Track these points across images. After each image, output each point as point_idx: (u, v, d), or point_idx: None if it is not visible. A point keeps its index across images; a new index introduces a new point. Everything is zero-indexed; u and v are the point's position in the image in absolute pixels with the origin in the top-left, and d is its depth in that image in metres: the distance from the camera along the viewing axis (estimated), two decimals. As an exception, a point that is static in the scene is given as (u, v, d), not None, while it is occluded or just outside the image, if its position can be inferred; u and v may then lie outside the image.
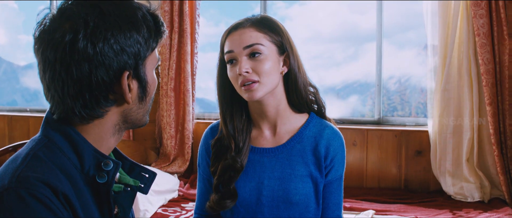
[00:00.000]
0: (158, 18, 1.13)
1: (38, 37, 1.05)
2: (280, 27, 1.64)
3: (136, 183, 1.20)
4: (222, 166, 1.65)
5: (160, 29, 1.12)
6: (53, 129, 1.09)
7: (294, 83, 1.65)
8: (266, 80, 1.57)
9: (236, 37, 1.59)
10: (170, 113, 4.30)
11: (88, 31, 1.01)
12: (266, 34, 1.59)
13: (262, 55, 1.57)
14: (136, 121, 1.16)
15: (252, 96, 1.57)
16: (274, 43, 1.60)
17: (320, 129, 1.67)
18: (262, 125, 1.69)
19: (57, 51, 1.02)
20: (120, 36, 1.04)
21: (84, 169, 1.09)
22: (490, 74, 3.54)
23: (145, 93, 1.13)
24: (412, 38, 4.84)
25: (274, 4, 5.14)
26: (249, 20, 1.62)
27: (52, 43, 1.02)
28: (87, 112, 1.07)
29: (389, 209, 3.39)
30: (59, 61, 1.02)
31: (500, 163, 3.54)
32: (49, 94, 1.08)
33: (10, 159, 1.07)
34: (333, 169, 1.66)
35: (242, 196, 1.65)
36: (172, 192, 3.69)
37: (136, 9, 1.08)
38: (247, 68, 1.55)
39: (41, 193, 0.97)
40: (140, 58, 1.08)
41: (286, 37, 1.64)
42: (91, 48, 1.01)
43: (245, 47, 1.57)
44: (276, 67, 1.60)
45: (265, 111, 1.66)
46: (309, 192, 1.63)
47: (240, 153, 1.65)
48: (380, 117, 4.15)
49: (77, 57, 1.01)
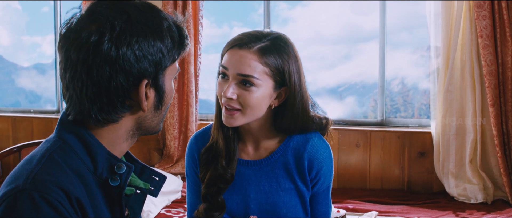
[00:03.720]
0: (183, 30, 1.13)
1: (64, 35, 1.06)
2: (289, 55, 1.53)
3: (146, 186, 1.21)
4: (212, 176, 1.60)
5: (183, 41, 1.13)
6: (68, 131, 1.10)
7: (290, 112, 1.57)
8: (249, 112, 1.51)
9: (236, 57, 1.50)
10: (174, 114, 4.31)
11: (114, 35, 1.02)
12: (267, 67, 1.49)
13: (253, 88, 1.49)
14: (149, 128, 1.17)
15: (229, 123, 1.53)
16: (273, 78, 1.51)
17: (304, 142, 1.62)
18: (246, 139, 1.65)
19: (81, 51, 1.03)
20: (144, 44, 1.05)
21: (97, 172, 1.10)
22: (493, 75, 3.55)
23: (161, 102, 1.14)
24: (415, 40, 4.85)
25: (277, 6, 5.15)
26: (257, 42, 1.51)
27: (76, 43, 1.03)
28: (103, 115, 1.08)
29: (392, 210, 3.40)
30: (81, 62, 1.03)
31: (503, 164, 3.55)
32: (67, 94, 1.09)
33: (25, 160, 1.08)
34: (319, 182, 1.63)
35: (229, 208, 1.62)
36: (175, 193, 3.70)
37: (163, 19, 1.09)
38: (232, 94, 1.49)
39: (54, 197, 0.98)
40: (160, 68, 1.09)
41: (292, 68, 1.53)
42: (114, 51, 1.02)
43: (239, 74, 1.49)
44: (266, 101, 1.53)
45: (249, 129, 1.62)
46: (296, 204, 1.61)
47: (231, 162, 1.61)
48: (383, 119, 4.15)
49: (100, 59, 1.02)
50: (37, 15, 5.80)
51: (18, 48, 5.82)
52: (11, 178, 1.04)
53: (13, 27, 5.78)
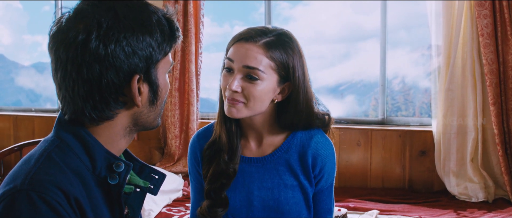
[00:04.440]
0: (173, 22, 1.12)
1: (53, 36, 1.06)
2: (294, 51, 1.55)
3: (146, 184, 1.20)
4: (215, 171, 1.61)
5: (174, 33, 1.12)
6: (65, 130, 1.10)
7: (293, 107, 1.58)
8: (252, 105, 1.52)
9: (242, 50, 1.51)
10: (175, 113, 4.31)
11: (101, 32, 1.02)
12: (273, 61, 1.51)
13: (258, 81, 1.50)
14: (146, 124, 1.16)
15: (232, 114, 1.53)
16: (278, 72, 1.53)
17: (308, 138, 1.63)
18: (249, 135, 1.65)
19: (69, 51, 1.02)
20: (133, 39, 1.04)
21: (95, 170, 1.09)
22: (493, 74, 3.54)
23: (156, 96, 1.13)
24: (415, 38, 4.84)
25: (278, 5, 5.15)
26: (263, 36, 1.52)
27: (65, 43, 1.03)
28: (97, 113, 1.07)
29: (393, 209, 3.40)
30: (70, 61, 1.03)
31: (504, 163, 3.55)
32: (60, 94, 1.09)
33: (23, 160, 1.08)
34: (323, 179, 1.64)
35: (232, 205, 1.62)
36: (176, 192, 3.71)
37: (151, 13, 1.09)
38: (237, 87, 1.50)
39: (52, 197, 0.98)
40: (151, 62, 1.08)
41: (297, 63, 1.55)
42: (102, 49, 1.02)
43: (245, 66, 1.50)
44: (269, 95, 1.54)
45: (252, 124, 1.62)
46: (299, 201, 1.62)
47: (234, 157, 1.61)
48: (384, 117, 4.15)
49: (88, 57, 1.02)
50: (38, 14, 5.81)
51: (19, 47, 5.83)
52: (10, 178, 1.04)
53: (14, 26, 5.79)
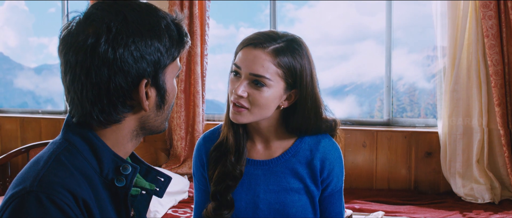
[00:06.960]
0: (182, 28, 1.13)
1: (63, 39, 1.08)
2: (302, 58, 1.53)
3: (152, 187, 1.21)
4: (221, 172, 1.61)
5: (183, 39, 1.13)
6: (74, 132, 1.11)
7: (300, 114, 1.58)
8: (257, 111, 1.52)
9: (250, 56, 1.50)
10: (180, 114, 4.32)
11: (110, 37, 1.03)
12: (280, 68, 1.49)
13: (264, 88, 1.49)
14: (153, 128, 1.17)
15: (236, 119, 1.53)
16: (285, 79, 1.52)
17: (315, 143, 1.64)
18: (256, 138, 1.65)
19: (79, 54, 1.04)
20: (141, 44, 1.05)
21: (103, 173, 1.10)
22: (499, 75, 3.54)
23: (163, 101, 1.14)
24: (420, 40, 4.84)
25: (284, 6, 5.15)
26: (272, 42, 1.50)
27: (74, 46, 1.04)
28: (105, 116, 1.08)
29: (399, 210, 3.40)
30: (79, 64, 1.04)
31: (510, 164, 3.54)
32: (69, 97, 1.10)
33: (32, 162, 1.09)
34: (332, 183, 1.65)
35: (238, 208, 1.62)
36: (182, 193, 3.72)
37: (160, 18, 1.10)
38: (243, 92, 1.50)
39: (60, 199, 0.99)
40: (159, 67, 1.09)
41: (305, 71, 1.54)
42: (111, 53, 1.03)
43: (252, 73, 1.49)
44: (275, 102, 1.53)
45: (258, 129, 1.63)
46: (305, 204, 1.62)
47: (240, 159, 1.62)
48: (389, 118, 4.15)
49: (97, 61, 1.03)
50: (44, 16, 5.83)
51: (25, 49, 5.86)
52: (19, 180, 1.05)
53: (20, 28, 5.82)
